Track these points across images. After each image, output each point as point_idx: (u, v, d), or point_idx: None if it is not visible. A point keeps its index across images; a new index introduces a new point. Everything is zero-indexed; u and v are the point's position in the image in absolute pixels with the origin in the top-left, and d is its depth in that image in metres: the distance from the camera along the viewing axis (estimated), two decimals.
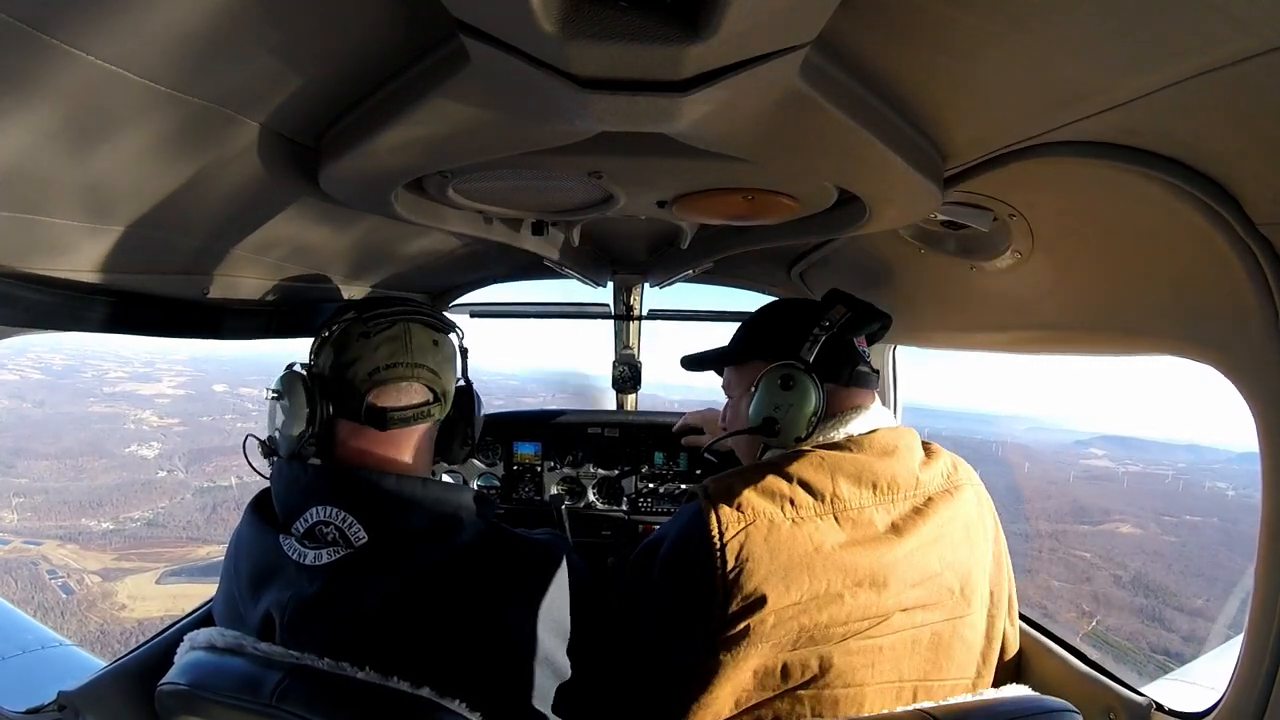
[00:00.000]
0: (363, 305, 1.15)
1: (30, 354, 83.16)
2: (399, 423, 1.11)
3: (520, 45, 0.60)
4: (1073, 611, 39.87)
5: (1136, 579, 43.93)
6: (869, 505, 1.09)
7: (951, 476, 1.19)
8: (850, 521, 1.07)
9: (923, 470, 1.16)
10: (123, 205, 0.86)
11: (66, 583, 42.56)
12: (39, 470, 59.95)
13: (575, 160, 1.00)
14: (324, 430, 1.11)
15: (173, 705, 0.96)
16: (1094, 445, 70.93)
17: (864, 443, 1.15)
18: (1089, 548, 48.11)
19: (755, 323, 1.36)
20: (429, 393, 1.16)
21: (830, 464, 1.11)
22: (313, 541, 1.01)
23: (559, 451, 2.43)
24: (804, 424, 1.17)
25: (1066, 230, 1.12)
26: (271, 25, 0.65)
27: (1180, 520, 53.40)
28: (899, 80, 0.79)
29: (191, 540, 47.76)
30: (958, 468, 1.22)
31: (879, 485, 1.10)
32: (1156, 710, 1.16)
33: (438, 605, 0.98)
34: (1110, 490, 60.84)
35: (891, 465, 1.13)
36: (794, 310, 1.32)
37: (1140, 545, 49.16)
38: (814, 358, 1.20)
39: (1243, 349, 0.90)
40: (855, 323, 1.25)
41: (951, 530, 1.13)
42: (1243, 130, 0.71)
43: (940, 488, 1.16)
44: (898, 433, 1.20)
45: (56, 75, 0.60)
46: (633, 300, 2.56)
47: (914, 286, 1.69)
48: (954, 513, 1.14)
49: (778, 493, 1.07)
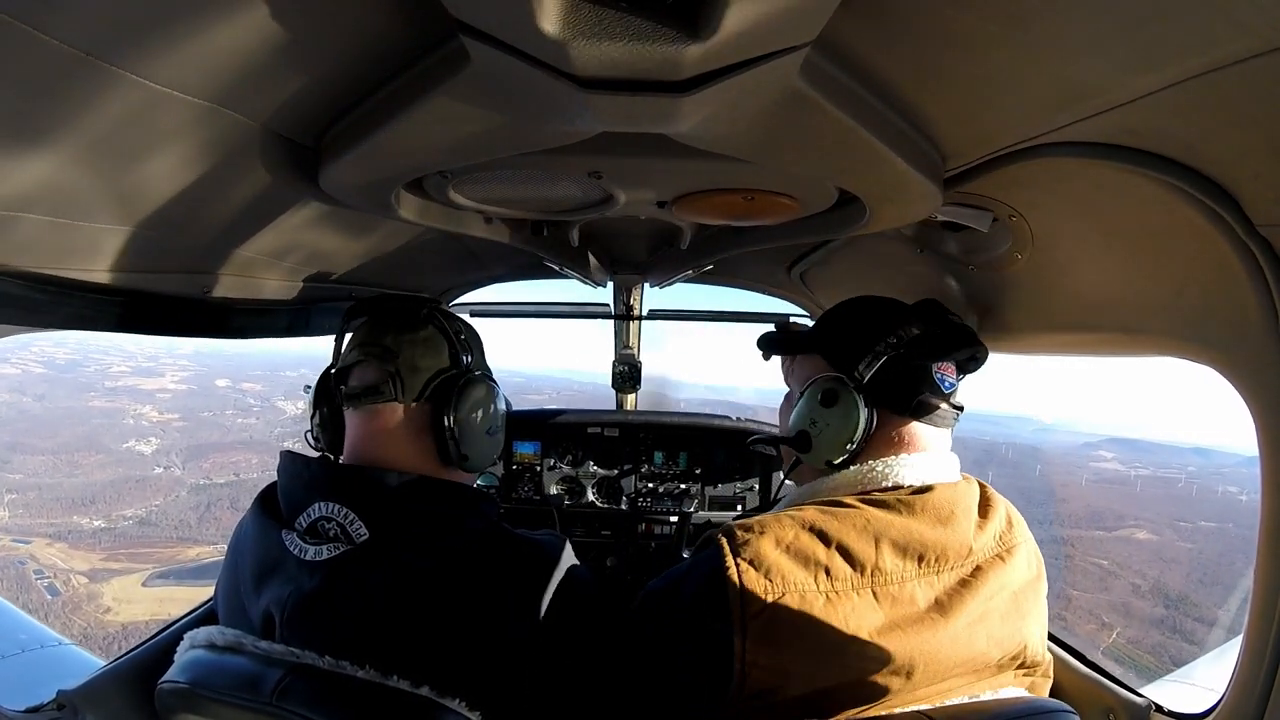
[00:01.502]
0: (374, 306, 1.20)
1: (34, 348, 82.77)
2: (356, 401, 1.13)
3: (520, 45, 0.60)
4: (1092, 623, 39.13)
5: (1156, 588, 43.22)
6: (911, 579, 0.95)
7: (1005, 538, 1.05)
8: (890, 598, 0.94)
9: (977, 536, 1.02)
10: (123, 205, 0.86)
11: (53, 583, 42.13)
12: (34, 465, 59.60)
13: (575, 160, 1.00)
14: (331, 421, 1.18)
15: (173, 703, 0.96)
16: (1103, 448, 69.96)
17: (916, 505, 1.00)
18: (1106, 554, 47.30)
19: (833, 314, 1.21)
20: (382, 372, 1.12)
21: (876, 529, 0.97)
22: (314, 537, 1.02)
23: (558, 451, 2.43)
24: (839, 449, 1.07)
25: (1066, 230, 1.12)
26: (271, 25, 0.65)
27: (1196, 526, 52.50)
28: (899, 80, 0.79)
29: (182, 540, 47.47)
30: (1013, 526, 1.08)
31: (926, 558, 0.97)
32: (1156, 711, 1.16)
33: (437, 604, 0.99)
34: (1123, 494, 60.06)
35: (944, 536, 0.98)
36: (872, 313, 1.16)
37: (1158, 552, 48.36)
38: (871, 376, 1.07)
39: (1243, 349, 0.89)
40: (931, 346, 1.09)
41: (999, 603, 1.00)
42: (1243, 130, 0.71)
43: (991, 553, 1.02)
44: (956, 493, 1.05)
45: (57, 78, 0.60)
46: (633, 300, 2.56)
47: (914, 287, 1.69)
48: (1003, 582, 1.01)
49: (813, 559, 0.94)
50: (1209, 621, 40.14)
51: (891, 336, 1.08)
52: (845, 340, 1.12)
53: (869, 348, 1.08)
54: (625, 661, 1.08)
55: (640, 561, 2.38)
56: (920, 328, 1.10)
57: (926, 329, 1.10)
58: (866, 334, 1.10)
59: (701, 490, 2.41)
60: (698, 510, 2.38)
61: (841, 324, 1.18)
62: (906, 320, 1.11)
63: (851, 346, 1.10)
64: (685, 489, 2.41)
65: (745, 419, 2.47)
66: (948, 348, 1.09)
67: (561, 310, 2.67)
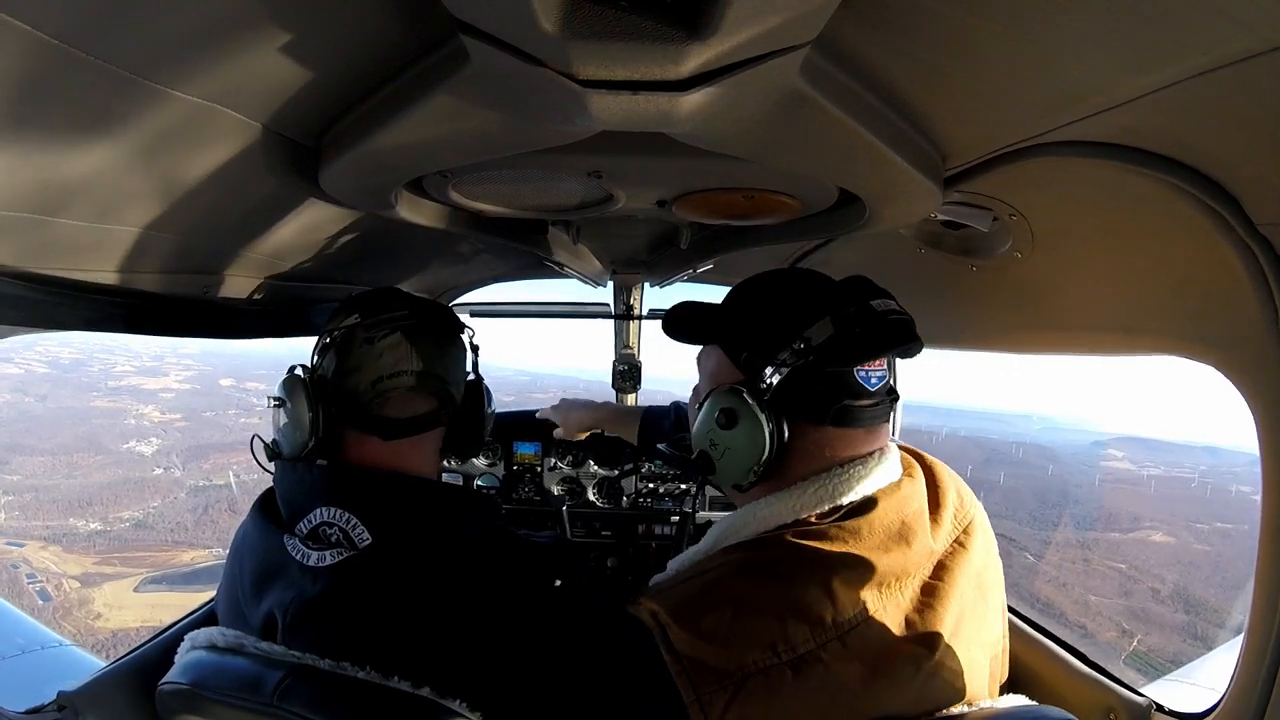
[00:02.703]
0: (365, 305, 1.09)
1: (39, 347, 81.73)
2: (406, 432, 1.09)
3: (520, 45, 0.60)
4: (1113, 630, 37.76)
5: (1176, 593, 41.98)
6: (876, 608, 0.85)
7: (959, 516, 0.97)
8: (859, 638, 0.83)
9: (935, 534, 0.93)
10: (123, 205, 0.86)
11: (45, 588, 41.16)
12: (32, 467, 58.68)
13: (575, 160, 1.00)
14: (328, 437, 1.07)
15: (173, 705, 0.96)
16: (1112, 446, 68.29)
17: (862, 529, 0.88)
18: (1123, 558, 46.07)
19: (734, 300, 1.04)
20: (434, 400, 1.11)
21: (824, 573, 0.84)
22: (316, 542, 1.01)
23: (559, 451, 2.43)
24: (745, 473, 0.93)
25: (1066, 230, 1.12)
26: (271, 25, 0.65)
27: (1212, 528, 50.96)
28: (899, 80, 0.79)
29: (177, 544, 46.62)
30: (963, 500, 1.00)
31: (885, 584, 0.86)
32: (1156, 711, 1.16)
33: (440, 607, 0.99)
34: (1137, 495, 58.75)
35: (899, 558, 0.88)
36: (778, 306, 0.97)
37: (1175, 555, 47.02)
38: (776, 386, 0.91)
39: (1243, 349, 0.89)
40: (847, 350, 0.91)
41: (968, 600, 0.92)
42: (1243, 130, 0.71)
43: (950, 540, 0.94)
44: (901, 499, 0.92)
45: (57, 78, 0.60)
46: (633, 300, 2.56)
47: (914, 286, 1.68)
48: (966, 571, 0.93)
49: (763, 634, 0.81)
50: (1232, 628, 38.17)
51: (798, 341, 0.90)
52: (747, 340, 0.96)
53: (771, 355, 0.91)
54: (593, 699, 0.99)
55: (641, 561, 2.38)
56: (835, 326, 0.90)
57: (842, 328, 0.90)
58: (770, 336, 0.93)
59: (702, 491, 2.41)
60: (698, 510, 2.38)
61: (744, 316, 1.00)
62: (818, 313, 0.91)
63: (753, 349, 0.94)
64: (685, 489, 2.41)
65: None
66: (867, 352, 0.91)
67: (561, 310, 2.67)
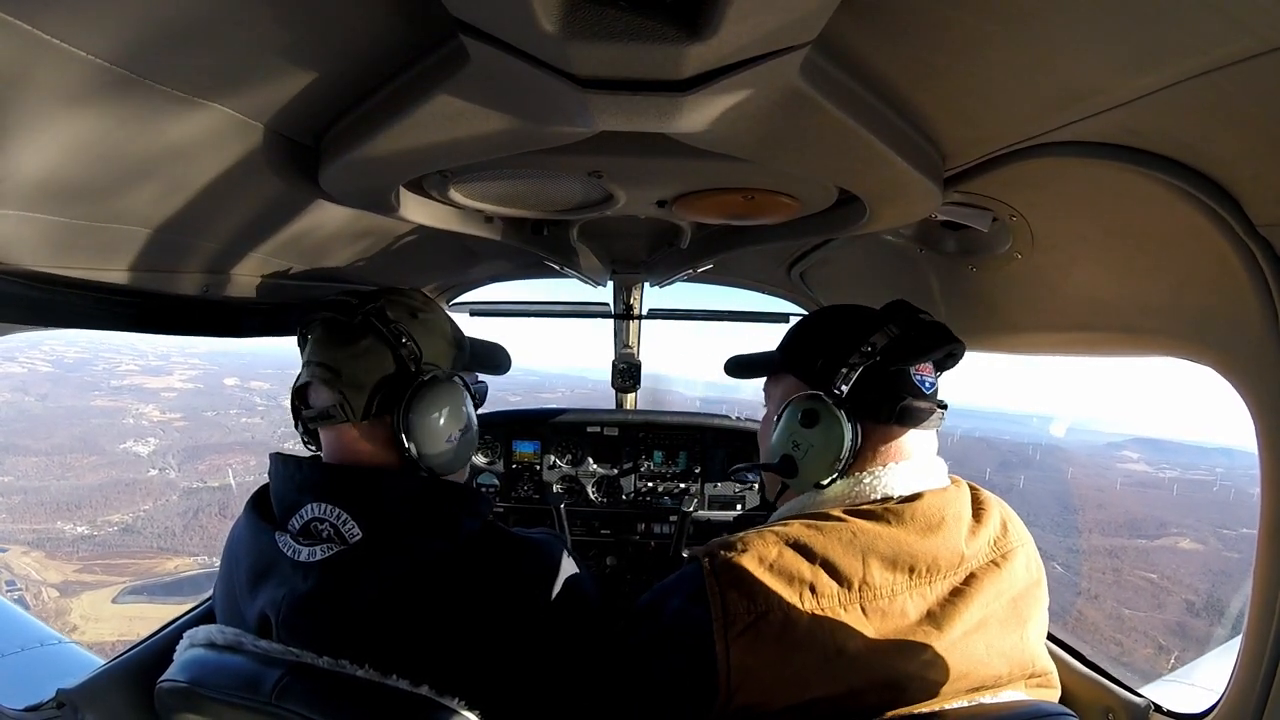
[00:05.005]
0: (332, 304, 1.12)
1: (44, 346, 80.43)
2: (316, 423, 1.10)
3: (520, 45, 0.60)
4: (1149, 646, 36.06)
5: (1210, 604, 40.26)
6: (902, 591, 0.93)
7: (999, 543, 1.03)
8: (880, 613, 0.92)
9: (969, 542, 1.00)
10: (124, 205, 0.86)
11: (23, 596, 39.52)
12: (25, 468, 57.68)
13: (575, 160, 1.00)
14: (309, 432, 1.17)
15: (172, 702, 0.96)
16: (1127, 448, 67.53)
17: (905, 514, 0.98)
18: (1153, 566, 44.44)
19: (800, 330, 1.19)
20: (331, 394, 1.08)
21: (863, 543, 0.95)
22: (307, 538, 1.01)
23: (558, 450, 2.44)
24: (827, 469, 1.04)
25: (1067, 230, 1.12)
26: (272, 25, 0.65)
27: (1239, 534, 48.57)
28: (899, 80, 0.79)
29: (162, 551, 45.49)
30: (1008, 530, 1.05)
31: (917, 569, 0.95)
32: (1155, 711, 1.16)
33: (432, 603, 0.99)
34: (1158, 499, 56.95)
35: (935, 544, 0.96)
36: (841, 324, 1.13)
37: (1205, 563, 45.27)
38: (849, 390, 1.04)
39: (1243, 349, 0.89)
40: (905, 349, 1.06)
41: (997, 610, 0.97)
42: (1243, 130, 0.71)
43: (986, 559, 1.00)
44: (945, 498, 1.03)
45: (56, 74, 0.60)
46: (633, 300, 2.56)
47: (914, 287, 1.69)
48: (999, 589, 0.98)
49: (797, 576, 0.92)
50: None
51: (865, 345, 1.05)
52: (817, 357, 1.10)
53: (843, 360, 1.06)
54: (613, 673, 1.06)
55: (640, 561, 2.38)
56: (892, 332, 1.07)
57: (898, 333, 1.07)
58: (838, 347, 1.07)
59: (701, 489, 2.42)
60: (697, 509, 2.38)
61: (811, 340, 1.16)
62: (876, 326, 1.08)
63: (824, 362, 1.08)
64: (685, 488, 2.41)
65: (745, 418, 2.47)
66: (923, 349, 1.06)
67: (562, 309, 2.67)
